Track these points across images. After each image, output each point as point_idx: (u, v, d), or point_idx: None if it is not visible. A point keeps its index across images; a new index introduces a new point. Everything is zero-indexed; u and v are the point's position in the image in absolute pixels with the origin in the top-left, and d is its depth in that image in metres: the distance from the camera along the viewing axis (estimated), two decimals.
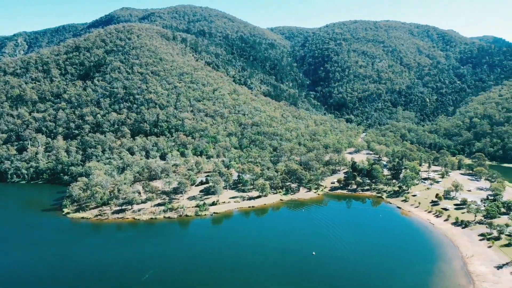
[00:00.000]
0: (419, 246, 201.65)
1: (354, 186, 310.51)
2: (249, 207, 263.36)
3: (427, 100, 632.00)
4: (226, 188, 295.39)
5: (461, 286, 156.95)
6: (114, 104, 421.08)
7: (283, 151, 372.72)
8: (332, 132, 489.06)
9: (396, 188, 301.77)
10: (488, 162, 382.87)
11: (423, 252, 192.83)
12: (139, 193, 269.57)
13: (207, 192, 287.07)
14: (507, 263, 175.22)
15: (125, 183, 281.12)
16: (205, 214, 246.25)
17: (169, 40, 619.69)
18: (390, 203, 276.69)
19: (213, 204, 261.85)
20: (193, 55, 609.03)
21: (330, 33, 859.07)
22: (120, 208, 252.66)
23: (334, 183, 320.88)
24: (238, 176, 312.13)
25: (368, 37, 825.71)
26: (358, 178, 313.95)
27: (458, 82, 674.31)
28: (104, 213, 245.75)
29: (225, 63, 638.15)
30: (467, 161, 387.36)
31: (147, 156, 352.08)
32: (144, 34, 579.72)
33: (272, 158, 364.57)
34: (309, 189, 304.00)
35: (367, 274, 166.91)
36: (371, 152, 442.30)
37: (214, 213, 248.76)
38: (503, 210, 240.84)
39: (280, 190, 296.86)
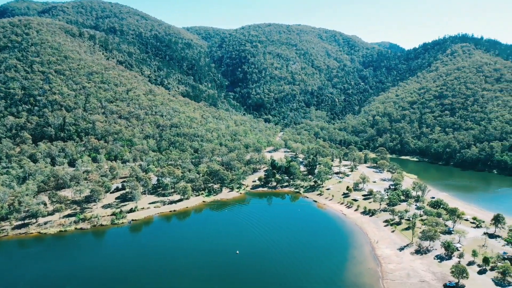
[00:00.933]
0: (334, 235, 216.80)
1: (274, 183, 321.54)
2: (170, 211, 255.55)
3: (336, 100, 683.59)
4: (145, 194, 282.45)
5: (370, 269, 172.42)
6: (11, 107, 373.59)
7: (205, 152, 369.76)
8: (252, 132, 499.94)
9: (312, 183, 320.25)
10: (389, 155, 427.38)
11: (338, 240, 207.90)
12: (45, 204, 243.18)
13: (124, 198, 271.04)
14: (407, 245, 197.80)
15: (27, 194, 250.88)
16: (123, 222, 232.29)
17: (75, 36, 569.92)
18: (307, 197, 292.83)
19: (131, 211, 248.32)
20: (103, 54, 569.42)
21: (246, 35, 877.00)
22: (22, 222, 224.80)
23: (255, 181, 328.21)
24: (158, 180, 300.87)
25: (282, 40, 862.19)
26: (277, 176, 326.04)
27: (362, 83, 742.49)
28: (3, 230, 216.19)
29: (139, 63, 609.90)
30: (372, 155, 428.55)
31: (53, 163, 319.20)
32: (45, 30, 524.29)
33: (193, 160, 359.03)
34: (232, 189, 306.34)
35: (288, 266, 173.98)
36: (288, 150, 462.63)
37: (132, 220, 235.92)
38: (402, 197, 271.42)
39: (203, 191, 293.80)
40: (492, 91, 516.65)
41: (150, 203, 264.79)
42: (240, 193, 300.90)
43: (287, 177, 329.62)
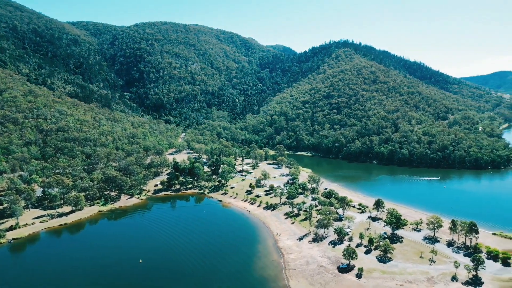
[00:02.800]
0: (240, 232, 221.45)
1: (178, 186, 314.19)
2: (60, 225, 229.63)
3: (237, 100, 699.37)
4: (28, 208, 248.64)
5: (274, 261, 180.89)
6: None
7: (99, 158, 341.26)
8: (151, 134, 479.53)
9: (217, 183, 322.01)
10: (286, 152, 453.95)
11: (243, 236, 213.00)
12: None
13: (2, 215, 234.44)
14: (305, 234, 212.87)
15: None
16: (1, 243, 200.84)
17: None
18: (212, 197, 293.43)
19: (12, 228, 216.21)
20: None
21: (141, 33, 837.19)
22: None
23: (157, 185, 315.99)
24: (44, 191, 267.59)
25: (180, 39, 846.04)
26: (181, 178, 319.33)
27: (260, 84, 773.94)
28: None
29: (14, 60, 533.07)
30: (272, 152, 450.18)
31: None
32: None
33: (85, 167, 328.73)
34: (132, 195, 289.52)
35: (197, 267, 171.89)
36: (191, 151, 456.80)
37: (13, 239, 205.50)
38: (300, 190, 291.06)
39: (98, 200, 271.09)
40: (370, 91, 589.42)
41: (35, 218, 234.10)
42: (141, 199, 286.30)
43: (191, 179, 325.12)
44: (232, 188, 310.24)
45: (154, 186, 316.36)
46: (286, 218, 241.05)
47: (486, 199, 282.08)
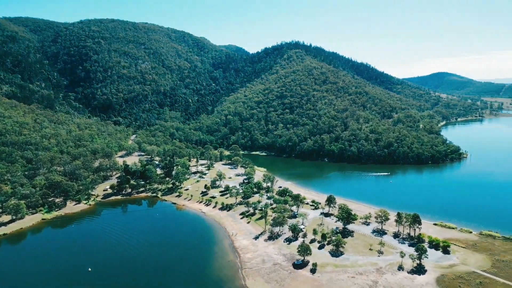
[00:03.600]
0: (195, 234, 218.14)
1: (129, 190, 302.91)
2: None
3: (190, 100, 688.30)
4: None
5: (230, 261, 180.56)
6: None
7: (41, 163, 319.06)
8: (100, 136, 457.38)
9: (170, 185, 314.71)
10: (241, 152, 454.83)
11: (199, 239, 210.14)
12: None
13: None
14: (261, 233, 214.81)
15: None
16: None
17: None
18: (166, 200, 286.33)
19: None
20: None
21: (87, 30, 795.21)
22: None
23: (107, 190, 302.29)
24: None
25: (129, 37, 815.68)
26: (132, 181, 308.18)
27: (213, 84, 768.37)
28: None
29: None
30: (227, 152, 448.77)
31: None
32: None
33: (26, 172, 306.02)
34: (79, 201, 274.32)
35: (151, 272, 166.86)
36: (143, 153, 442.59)
37: None
38: (255, 190, 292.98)
39: (42, 208, 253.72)
40: (321, 92, 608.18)
41: None
42: (90, 205, 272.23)
43: (143, 182, 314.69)
44: (186, 190, 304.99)
45: (104, 190, 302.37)
46: (242, 218, 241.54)
47: (427, 192, 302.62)
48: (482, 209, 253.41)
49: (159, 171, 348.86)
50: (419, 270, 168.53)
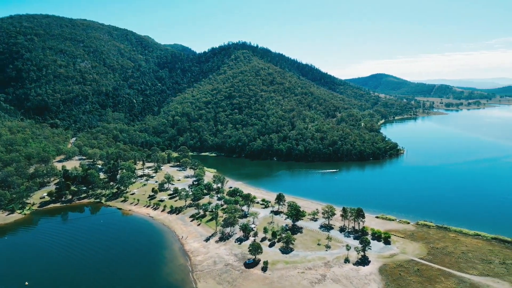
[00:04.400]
0: (143, 240, 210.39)
1: (69, 196, 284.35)
2: None
3: (134, 101, 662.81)
4: None
5: (181, 265, 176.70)
6: None
7: None
8: (35, 140, 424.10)
9: (115, 190, 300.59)
10: (190, 153, 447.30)
11: (147, 244, 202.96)
12: None
13: None
14: (212, 235, 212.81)
15: None
16: None
17: None
18: (110, 206, 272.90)
19: None
20: None
21: (18, 26, 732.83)
22: None
23: (44, 197, 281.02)
24: None
25: (66, 35, 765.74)
26: (72, 187, 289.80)
27: (159, 84, 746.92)
28: None
29: None
30: (175, 154, 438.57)
31: None
32: None
33: None
34: (12, 211, 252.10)
35: (96, 283, 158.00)
36: (84, 157, 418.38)
37: None
38: (205, 191, 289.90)
39: None
40: (268, 92, 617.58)
41: None
42: (25, 214, 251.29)
43: (85, 188, 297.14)
44: (132, 194, 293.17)
45: (40, 198, 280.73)
46: (192, 220, 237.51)
47: (370, 187, 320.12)
48: (418, 201, 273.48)
49: (102, 175, 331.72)
50: (364, 261, 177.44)
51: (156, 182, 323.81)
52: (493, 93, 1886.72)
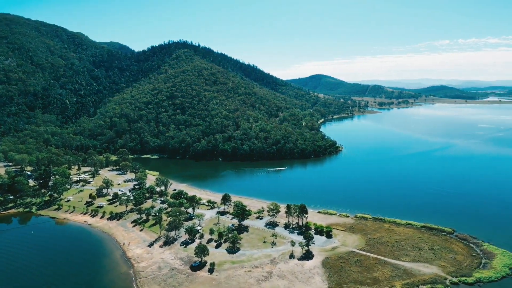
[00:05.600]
0: (80, 249, 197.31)
1: None
2: None
3: (67, 102, 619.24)
4: None
5: (123, 273, 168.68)
6: None
7: None
8: None
9: (47, 198, 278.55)
10: (131, 156, 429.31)
11: (86, 254, 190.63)
12: None
13: None
14: (156, 239, 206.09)
15: None
16: None
17: None
18: (42, 215, 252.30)
19: None
20: None
21: None
22: None
23: None
24: None
25: None
26: None
27: (95, 84, 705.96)
28: None
29: None
30: (114, 157, 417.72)
31: None
32: None
33: None
34: None
35: None
36: (10, 164, 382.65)
37: None
38: (147, 195, 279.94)
39: None
40: (212, 92, 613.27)
41: None
42: None
43: (12, 197, 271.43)
44: (67, 201, 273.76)
45: None
46: (134, 226, 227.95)
47: (312, 183, 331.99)
48: (357, 195, 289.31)
49: (32, 182, 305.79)
50: (308, 256, 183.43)
51: (94, 187, 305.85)
52: (419, 93, 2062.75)
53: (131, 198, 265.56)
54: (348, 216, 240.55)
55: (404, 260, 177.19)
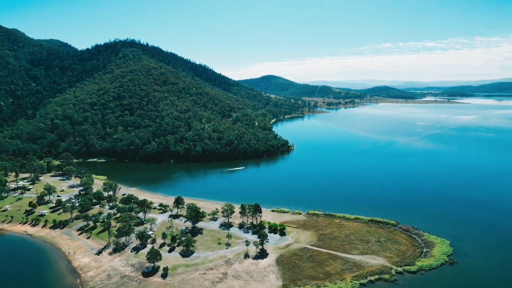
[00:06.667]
0: (21, 262, 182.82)
1: None
2: None
3: (2, 103, 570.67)
4: None
5: (69, 285, 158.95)
6: None
7: None
8: None
9: None
10: (75, 160, 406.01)
11: (27, 266, 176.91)
12: None
13: None
14: (105, 247, 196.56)
15: None
16: None
17: None
18: None
19: None
20: None
21: None
22: None
23: None
24: None
25: None
26: None
27: (34, 84, 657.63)
28: None
29: None
30: (56, 162, 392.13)
31: None
32: None
33: None
34: None
35: None
36: None
37: None
38: (95, 201, 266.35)
39: None
40: (162, 92, 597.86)
41: None
42: None
43: None
44: (4, 211, 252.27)
45: None
46: (80, 234, 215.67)
47: (265, 183, 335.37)
48: (308, 192, 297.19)
49: None
50: (262, 254, 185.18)
51: (34, 195, 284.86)
52: (364, 93, 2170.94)
53: (77, 204, 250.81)
54: (300, 214, 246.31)
55: (354, 253, 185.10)
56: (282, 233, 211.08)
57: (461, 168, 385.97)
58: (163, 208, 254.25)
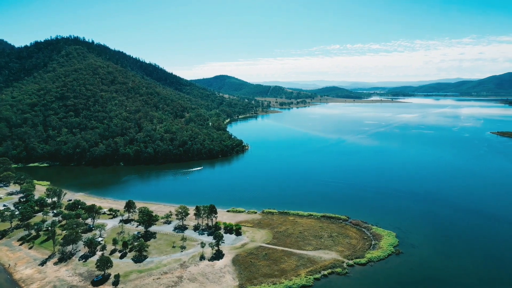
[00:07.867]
0: None
1: None
2: None
3: None
4: None
5: None
6: None
7: None
8: None
9: None
10: (14, 165, 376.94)
11: None
12: None
13: None
14: (49, 256, 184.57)
15: None
16: None
17: None
18: None
19: None
20: None
21: None
22: None
23: None
24: None
25: None
26: None
27: None
28: None
29: None
30: None
31: None
32: None
33: None
34: None
35: None
36: None
37: None
38: (37, 208, 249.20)
39: None
40: (109, 92, 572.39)
41: None
42: None
43: None
44: None
45: None
46: (21, 244, 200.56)
47: (221, 183, 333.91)
48: (263, 191, 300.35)
49: None
50: (218, 255, 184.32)
51: None
52: (315, 93, 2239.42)
53: (17, 213, 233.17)
54: (256, 213, 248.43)
55: (308, 249, 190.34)
56: (238, 233, 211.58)
57: (404, 164, 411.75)
58: (113, 213, 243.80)
